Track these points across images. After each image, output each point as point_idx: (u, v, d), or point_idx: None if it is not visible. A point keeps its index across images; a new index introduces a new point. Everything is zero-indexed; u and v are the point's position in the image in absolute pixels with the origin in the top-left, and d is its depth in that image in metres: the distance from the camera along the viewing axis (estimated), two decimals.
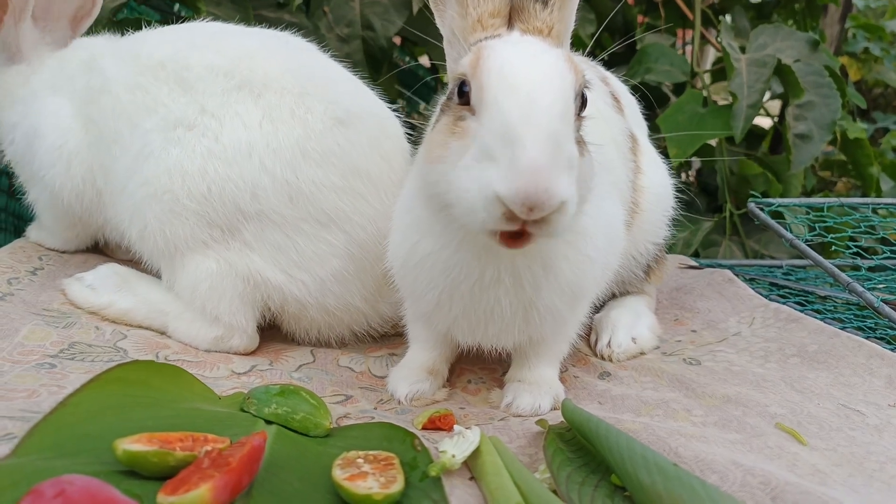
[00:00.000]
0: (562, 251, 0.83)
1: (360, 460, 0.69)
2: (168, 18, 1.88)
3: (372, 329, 1.14)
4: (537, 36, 0.79)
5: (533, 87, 0.69)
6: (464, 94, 0.73)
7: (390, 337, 1.19)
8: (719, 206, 2.18)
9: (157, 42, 1.13)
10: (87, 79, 1.17)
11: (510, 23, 0.82)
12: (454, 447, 0.72)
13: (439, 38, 0.87)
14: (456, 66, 0.81)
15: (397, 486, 0.65)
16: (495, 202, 0.65)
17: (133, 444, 0.63)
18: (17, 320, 0.95)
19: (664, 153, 1.80)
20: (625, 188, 1.04)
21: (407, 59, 2.64)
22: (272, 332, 1.14)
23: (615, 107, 1.09)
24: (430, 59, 2.70)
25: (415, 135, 1.20)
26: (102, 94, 1.13)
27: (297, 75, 1.07)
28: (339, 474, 0.66)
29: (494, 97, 0.69)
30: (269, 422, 0.79)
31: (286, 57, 1.10)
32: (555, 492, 0.69)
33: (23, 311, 0.99)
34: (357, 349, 1.14)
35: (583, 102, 0.75)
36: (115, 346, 0.98)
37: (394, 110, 1.20)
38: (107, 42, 1.25)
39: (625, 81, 1.26)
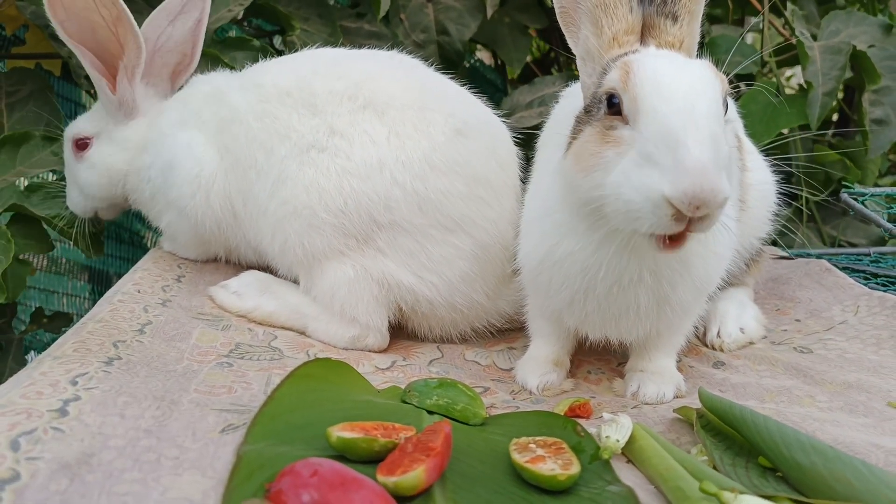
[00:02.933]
0: (695, 248, 0.89)
1: (532, 445, 0.77)
2: (260, 36, 1.98)
3: (491, 325, 1.22)
4: (671, 49, 0.85)
5: (688, 94, 0.75)
6: (614, 105, 0.79)
7: (505, 332, 1.27)
8: (793, 193, 2.19)
9: (279, 71, 1.22)
10: (215, 110, 1.26)
11: (643, 39, 0.88)
12: (615, 432, 0.79)
13: (507, 39, 0.93)
14: (593, 81, 0.88)
15: (576, 468, 0.72)
16: (664, 204, 0.71)
17: (343, 432, 0.71)
18: (186, 324, 1.06)
19: None
20: (735, 186, 1.09)
21: (473, 60, 2.70)
22: (396, 331, 1.23)
23: None
24: (496, 59, 2.76)
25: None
26: (233, 124, 1.22)
27: (415, 92, 1.15)
28: (519, 458, 0.73)
29: (652, 106, 0.75)
30: (430, 412, 0.88)
31: (403, 75, 1.18)
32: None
33: (185, 315, 1.10)
34: (477, 344, 1.21)
35: (726, 108, 0.81)
36: (269, 345, 1.08)
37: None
38: (226, 77, 1.33)
39: None
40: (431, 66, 2.06)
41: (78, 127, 1.38)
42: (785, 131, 2.17)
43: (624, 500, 0.67)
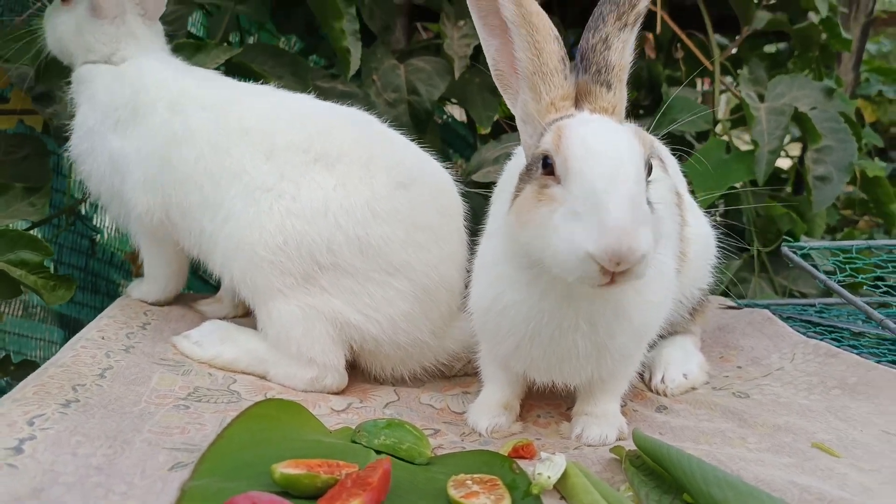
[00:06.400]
0: (630, 298, 0.95)
1: (469, 482, 0.81)
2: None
3: (440, 363, 1.27)
4: (603, 114, 0.93)
5: (612, 159, 0.82)
6: (548, 165, 0.87)
7: (460, 377, 1.31)
8: (746, 245, 2.29)
9: (247, 110, 1.27)
10: (168, 118, 1.29)
11: (577, 104, 0.96)
12: (548, 469, 0.84)
13: (476, 98, 1.01)
14: (531, 142, 0.96)
15: (506, 502, 0.76)
16: (588, 259, 0.78)
17: (287, 469, 0.75)
18: (146, 369, 1.09)
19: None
20: (674, 240, 1.17)
21: (445, 116, 2.82)
22: (354, 374, 1.27)
23: (662, 167, 1.23)
24: (467, 115, 2.88)
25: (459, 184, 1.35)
26: (184, 145, 1.26)
27: (365, 147, 1.23)
28: (455, 493, 0.78)
29: (580, 168, 0.82)
30: (378, 452, 0.92)
31: (356, 131, 1.26)
32: None
33: (147, 361, 1.13)
34: (434, 388, 1.26)
35: (649, 170, 0.89)
36: (228, 389, 1.11)
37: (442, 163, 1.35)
38: (192, 85, 1.34)
39: (654, 132, 1.40)
40: (402, 124, 2.17)
41: None
42: (738, 185, 2.29)
43: None
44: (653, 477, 0.88)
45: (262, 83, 1.50)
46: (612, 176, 0.81)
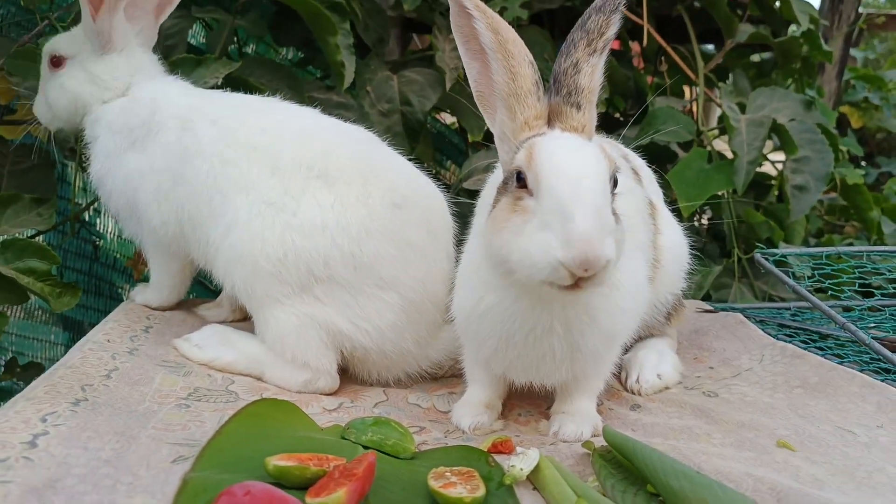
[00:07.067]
0: (601, 303, 1.03)
1: (447, 473, 0.88)
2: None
3: (422, 371, 1.34)
4: (573, 133, 1.01)
5: (578, 174, 0.90)
6: (521, 180, 0.94)
7: (447, 378, 1.38)
8: (728, 251, 2.37)
9: (255, 126, 1.34)
10: (179, 135, 1.35)
11: (550, 122, 1.03)
12: (521, 462, 0.91)
13: (467, 108, 1.08)
14: (508, 158, 1.03)
15: (481, 492, 0.83)
16: (559, 265, 0.85)
17: (280, 461, 0.82)
18: (150, 370, 1.16)
19: (675, 204, 2.01)
20: (647, 248, 1.24)
21: (437, 124, 2.89)
22: (346, 376, 1.34)
23: (636, 179, 1.30)
24: (459, 124, 2.95)
25: (448, 191, 1.42)
26: (196, 157, 1.33)
27: (363, 167, 1.30)
28: (434, 484, 0.85)
29: (549, 183, 0.89)
30: (366, 447, 0.98)
31: (356, 150, 1.33)
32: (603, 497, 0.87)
33: (150, 362, 1.20)
34: (421, 389, 1.33)
35: (615, 183, 0.96)
36: (227, 389, 1.18)
37: (427, 170, 1.42)
38: (202, 102, 1.41)
39: (637, 142, 1.47)
40: (395, 134, 2.24)
41: (57, 44, 1.43)
42: (721, 194, 2.37)
43: None
44: (620, 469, 0.95)
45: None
46: (578, 190, 0.88)
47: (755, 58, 3.16)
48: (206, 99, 1.44)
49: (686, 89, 3.16)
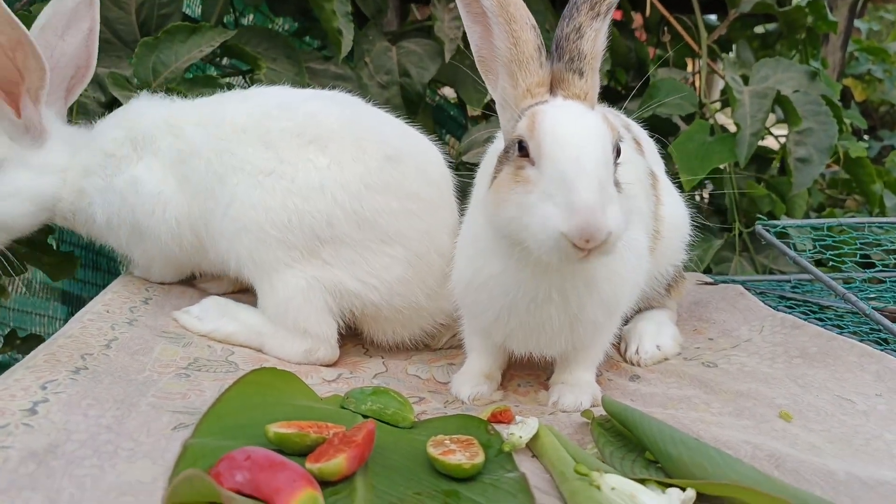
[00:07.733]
0: (601, 272, 1.02)
1: (447, 441, 0.88)
2: (235, 74, 2.11)
3: (437, 324, 1.35)
4: (576, 100, 0.99)
5: (581, 143, 0.88)
6: (523, 149, 0.93)
7: (445, 350, 1.39)
8: (730, 224, 2.36)
9: (235, 111, 1.34)
10: (171, 141, 1.35)
11: (552, 90, 1.02)
12: (520, 430, 0.91)
13: (466, 80, 1.06)
14: (510, 126, 1.01)
15: (480, 459, 0.83)
16: (561, 238, 0.84)
17: (280, 428, 0.82)
18: (149, 341, 1.16)
19: (676, 177, 2.00)
20: (648, 219, 1.23)
21: (436, 97, 2.86)
22: (347, 348, 1.34)
23: (637, 150, 1.28)
24: (458, 97, 2.92)
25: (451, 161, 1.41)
26: (192, 157, 1.32)
27: (353, 126, 1.29)
28: (433, 451, 0.85)
29: (551, 152, 0.88)
30: (365, 416, 0.99)
31: (341, 112, 1.32)
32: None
33: (150, 333, 1.20)
34: (420, 360, 1.33)
35: (618, 152, 0.95)
36: (227, 360, 1.18)
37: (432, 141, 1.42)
38: (175, 107, 1.40)
39: (639, 114, 1.46)
40: (395, 106, 2.21)
41: None
42: (723, 167, 2.35)
43: (517, 484, 0.79)
44: (618, 438, 0.95)
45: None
46: (580, 159, 0.87)
47: (759, 29, 3.11)
48: (173, 105, 1.42)
49: (689, 61, 3.12)
